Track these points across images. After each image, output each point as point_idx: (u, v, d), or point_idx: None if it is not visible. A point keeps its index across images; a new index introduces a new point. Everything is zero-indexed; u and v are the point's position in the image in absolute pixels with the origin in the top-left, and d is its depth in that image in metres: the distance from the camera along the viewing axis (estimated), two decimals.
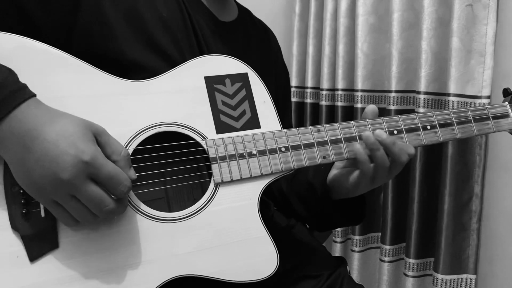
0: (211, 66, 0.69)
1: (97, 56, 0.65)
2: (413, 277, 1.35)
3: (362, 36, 1.41)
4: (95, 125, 0.56)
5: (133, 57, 0.68)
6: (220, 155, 0.65)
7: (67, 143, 0.51)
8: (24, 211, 0.56)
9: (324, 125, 0.70)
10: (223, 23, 0.82)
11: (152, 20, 0.70)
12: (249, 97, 0.70)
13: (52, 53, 0.61)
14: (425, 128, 0.72)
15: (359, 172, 0.70)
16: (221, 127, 0.67)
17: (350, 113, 1.52)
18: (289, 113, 0.99)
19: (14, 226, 0.56)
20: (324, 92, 1.58)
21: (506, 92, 0.79)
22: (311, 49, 1.62)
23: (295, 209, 0.86)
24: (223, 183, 0.65)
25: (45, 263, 0.57)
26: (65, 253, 0.57)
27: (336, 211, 0.79)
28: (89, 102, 0.61)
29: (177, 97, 0.66)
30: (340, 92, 1.52)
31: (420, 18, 1.25)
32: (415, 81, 1.31)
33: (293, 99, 1.72)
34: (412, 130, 0.71)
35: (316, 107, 1.65)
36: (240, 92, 0.69)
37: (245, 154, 0.66)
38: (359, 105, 1.44)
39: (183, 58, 0.70)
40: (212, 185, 0.64)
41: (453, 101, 1.20)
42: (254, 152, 0.66)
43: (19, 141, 0.52)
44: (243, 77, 0.70)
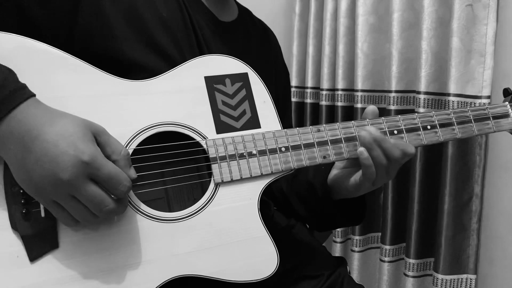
0: (211, 66, 0.69)
1: (97, 56, 0.65)
2: (413, 277, 1.35)
3: (362, 36, 1.41)
4: (95, 124, 0.56)
5: (133, 57, 0.68)
6: (220, 155, 0.65)
7: (66, 143, 0.51)
8: (24, 211, 0.56)
9: (324, 125, 0.70)
10: (223, 23, 0.82)
11: (152, 20, 0.70)
12: (249, 97, 0.70)
13: (52, 53, 0.61)
14: (425, 128, 0.72)
15: (361, 175, 0.69)
16: (221, 127, 0.67)
17: (350, 113, 1.52)
18: (289, 113, 0.99)
19: (14, 226, 0.56)
20: (324, 92, 1.58)
21: (506, 92, 0.79)
22: (311, 49, 1.62)
23: (295, 209, 0.86)
24: (223, 183, 0.65)
25: (45, 263, 0.57)
26: (65, 253, 0.57)
27: (337, 211, 0.79)
28: (89, 102, 0.61)
29: (177, 97, 0.66)
30: (340, 92, 1.52)
31: (420, 18, 1.25)
32: (415, 81, 1.31)
33: (293, 99, 1.72)
34: (412, 130, 0.71)
35: (316, 107, 1.65)
36: (240, 92, 0.69)
37: (245, 154, 0.66)
38: (359, 105, 1.44)
39: (183, 58, 0.70)
40: (212, 185, 0.64)
41: (453, 101, 1.20)
42: (254, 152, 0.66)
43: (18, 141, 0.52)
44: (243, 77, 0.70)
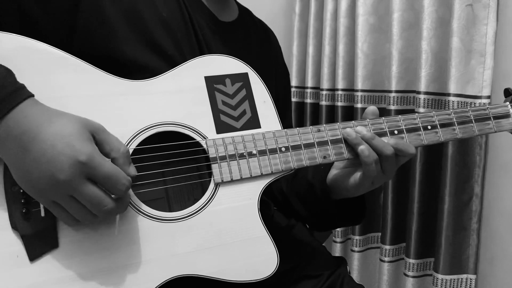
0: (211, 66, 0.69)
1: (97, 56, 0.65)
2: (413, 277, 1.35)
3: (362, 36, 1.41)
4: (93, 122, 0.56)
5: (133, 57, 0.68)
6: (220, 155, 0.65)
7: (63, 143, 0.51)
8: (24, 210, 0.56)
9: (324, 125, 0.70)
10: (223, 23, 0.82)
11: (152, 20, 0.70)
12: (249, 97, 0.69)
13: (52, 53, 0.61)
14: (425, 128, 0.72)
15: (361, 174, 0.70)
16: (221, 127, 0.67)
17: (350, 113, 1.52)
18: (289, 113, 0.99)
19: (14, 226, 0.56)
20: (324, 92, 1.58)
21: (507, 92, 0.79)
22: (311, 49, 1.62)
23: (295, 209, 0.86)
24: (223, 183, 0.65)
25: (45, 262, 0.57)
26: (65, 253, 0.57)
27: (336, 211, 0.79)
28: (89, 102, 0.61)
29: (177, 97, 0.66)
30: (340, 92, 1.52)
31: (420, 18, 1.25)
32: (415, 81, 1.31)
33: (293, 99, 1.72)
34: (413, 130, 0.71)
35: (316, 107, 1.65)
36: (240, 92, 0.69)
37: (245, 154, 0.66)
38: (359, 105, 1.44)
39: (183, 58, 0.70)
40: (212, 185, 0.64)
41: (453, 101, 1.20)
42: (254, 152, 0.66)
43: (17, 142, 0.52)
44: (243, 77, 0.70)
